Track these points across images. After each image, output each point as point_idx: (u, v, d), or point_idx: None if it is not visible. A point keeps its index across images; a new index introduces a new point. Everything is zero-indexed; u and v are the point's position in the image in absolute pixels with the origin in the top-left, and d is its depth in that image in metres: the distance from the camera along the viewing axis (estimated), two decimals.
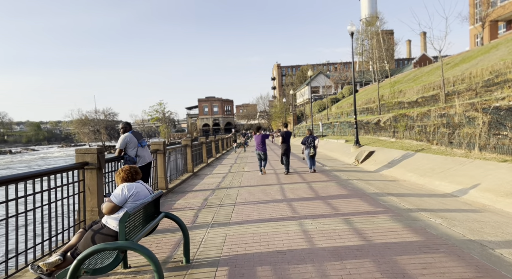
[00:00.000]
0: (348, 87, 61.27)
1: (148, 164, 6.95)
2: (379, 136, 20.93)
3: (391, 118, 19.28)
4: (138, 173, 3.77)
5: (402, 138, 16.71)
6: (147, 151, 6.94)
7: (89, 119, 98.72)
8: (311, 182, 9.58)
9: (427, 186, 8.64)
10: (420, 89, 27.63)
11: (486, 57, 25.99)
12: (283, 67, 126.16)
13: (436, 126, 12.43)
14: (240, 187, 9.33)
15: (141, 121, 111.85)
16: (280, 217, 5.84)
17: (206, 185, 10.19)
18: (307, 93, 77.55)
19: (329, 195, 7.61)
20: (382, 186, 8.64)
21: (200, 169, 14.30)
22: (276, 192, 8.31)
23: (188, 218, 6.12)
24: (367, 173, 11.52)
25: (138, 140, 6.72)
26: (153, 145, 8.85)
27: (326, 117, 42.69)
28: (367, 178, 10.20)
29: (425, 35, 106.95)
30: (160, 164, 8.82)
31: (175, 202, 7.70)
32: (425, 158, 10.92)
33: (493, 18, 40.95)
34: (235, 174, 12.32)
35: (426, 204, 6.48)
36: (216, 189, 9.30)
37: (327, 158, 18.42)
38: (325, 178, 10.30)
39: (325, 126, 35.69)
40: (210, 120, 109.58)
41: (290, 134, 12.00)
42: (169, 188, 9.18)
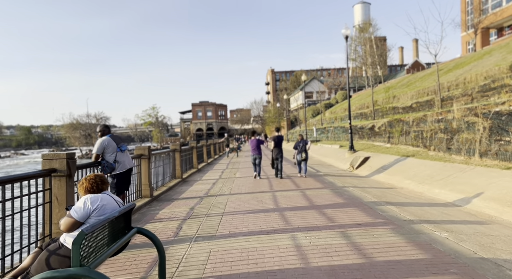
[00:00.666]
0: (342, 92, 61.24)
1: (129, 170, 6.42)
2: (373, 141, 20.58)
3: (386, 123, 18.95)
4: (105, 183, 3.25)
5: (397, 144, 16.35)
6: (127, 156, 6.40)
7: (81, 123, 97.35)
8: (305, 189, 9.10)
9: (427, 194, 8.21)
10: (414, 94, 27.47)
11: (479, 63, 25.91)
12: (277, 72, 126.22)
13: (433, 131, 12.08)
14: (230, 195, 8.81)
15: (134, 125, 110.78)
16: (272, 230, 5.34)
17: (195, 192, 9.66)
18: (301, 98, 77.43)
19: (324, 204, 7.13)
20: (379, 194, 8.20)
21: (190, 175, 13.75)
22: (268, 200, 7.82)
23: (170, 230, 5.59)
24: (363, 180, 11.09)
25: (118, 144, 6.19)
26: (138, 150, 8.31)
27: (320, 122, 42.41)
28: (363, 185, 9.75)
29: (417, 42, 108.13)
30: (144, 170, 8.28)
31: (159, 212, 7.16)
32: (422, 165, 10.53)
33: (485, 25, 41.24)
34: (226, 180, 11.80)
35: (428, 214, 6.04)
36: (205, 196, 8.77)
37: (321, 163, 17.98)
38: (320, 185, 9.84)
39: (319, 131, 35.35)
40: (203, 125, 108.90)
41: (282, 138, 11.95)
42: (154, 195, 8.63)
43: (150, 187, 8.38)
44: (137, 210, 7.29)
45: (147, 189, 8.27)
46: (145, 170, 8.28)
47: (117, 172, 6.14)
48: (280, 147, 11.75)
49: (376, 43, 60.22)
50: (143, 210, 7.43)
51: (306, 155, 11.55)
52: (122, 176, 6.21)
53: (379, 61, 59.23)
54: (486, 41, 44.73)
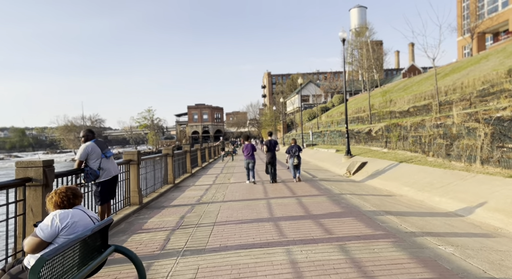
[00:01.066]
0: (338, 96, 61.19)
1: (114, 178, 6.07)
2: (370, 146, 20.34)
3: (383, 127, 18.72)
4: (78, 196, 2.91)
5: (395, 149, 16.11)
6: (113, 163, 6.05)
7: (75, 125, 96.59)
8: (301, 196, 8.78)
9: (427, 203, 7.92)
10: (411, 98, 27.32)
11: (476, 67, 25.83)
12: (274, 75, 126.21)
13: (432, 137, 11.83)
14: (223, 202, 8.47)
15: (129, 128, 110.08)
16: (265, 242, 5.01)
17: (186, 199, 9.30)
18: (297, 102, 77.31)
19: (321, 213, 6.81)
20: (378, 202, 7.90)
21: (183, 180, 13.38)
22: (262, 208, 7.48)
23: (157, 243, 5.24)
24: (360, 186, 10.79)
25: (102, 150, 5.84)
26: (126, 155, 7.96)
27: (316, 126, 42.21)
28: (361, 192, 9.45)
29: (413, 46, 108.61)
30: (133, 176, 7.92)
31: (147, 221, 6.79)
32: (421, 171, 10.26)
33: (481, 30, 41.37)
34: (220, 186, 11.46)
35: (430, 225, 5.74)
36: (197, 204, 8.41)
37: (317, 168, 17.69)
38: (316, 191, 9.52)
39: (315, 135, 35.11)
40: (199, 128, 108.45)
41: (275, 143, 11.86)
42: (144, 203, 8.26)
43: (139, 194, 8.02)
44: (125, 219, 6.93)
45: (136, 196, 7.91)
46: (134, 176, 7.92)
47: (101, 180, 5.79)
48: (274, 151, 11.72)
49: (373, 47, 60.33)
50: (130, 218, 7.06)
51: (299, 160, 11.60)
52: (107, 184, 5.86)
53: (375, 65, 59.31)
54: (482, 46, 44.91)
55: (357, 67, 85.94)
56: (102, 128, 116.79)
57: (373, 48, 60.37)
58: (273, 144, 11.75)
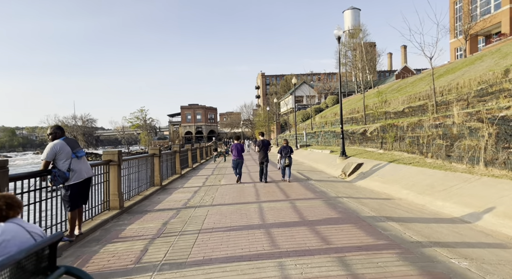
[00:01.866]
0: (332, 97, 60.94)
1: (87, 180, 5.44)
2: (365, 147, 19.91)
3: (378, 128, 18.29)
4: (13, 207, 2.31)
5: (391, 150, 15.67)
6: (85, 163, 5.43)
7: (66, 125, 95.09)
8: (295, 200, 8.23)
9: (429, 207, 7.42)
10: (406, 99, 26.99)
11: (471, 68, 25.59)
12: (268, 76, 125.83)
13: (430, 137, 11.37)
14: (211, 206, 7.88)
15: (121, 128, 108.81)
16: (255, 254, 4.44)
17: (172, 202, 8.68)
18: (291, 102, 76.94)
19: (317, 218, 6.27)
20: (377, 206, 7.37)
21: (171, 182, 12.75)
22: (253, 213, 6.91)
23: (132, 255, 4.63)
24: (356, 189, 10.27)
25: (73, 149, 5.22)
26: (105, 155, 7.32)
27: (310, 127, 41.78)
28: (358, 196, 8.93)
29: (405, 48, 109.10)
30: (113, 178, 7.29)
31: (126, 228, 6.17)
32: (421, 173, 9.77)
33: (473, 32, 41.35)
34: (209, 189, 10.86)
35: (437, 234, 5.22)
36: (183, 208, 7.81)
37: (312, 169, 17.17)
38: (311, 194, 8.98)
39: (309, 135, 34.66)
40: (193, 128, 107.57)
41: (267, 143, 12.13)
42: (125, 207, 7.63)
43: (120, 197, 7.39)
44: (101, 226, 6.30)
45: (116, 199, 7.28)
46: (114, 178, 7.29)
47: (71, 183, 5.16)
48: (266, 151, 11.97)
49: (366, 48, 60.24)
50: (108, 225, 6.43)
51: (290, 160, 11.74)
52: (78, 187, 5.23)
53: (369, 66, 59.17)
54: (474, 48, 44.97)
55: (350, 68, 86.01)
56: (93, 128, 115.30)
57: (366, 49, 60.30)
58: (265, 144, 11.99)
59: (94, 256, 4.63)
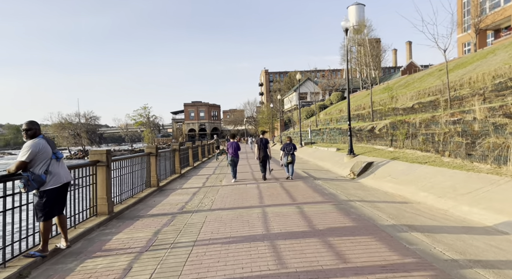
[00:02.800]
0: (337, 94, 60.02)
1: (65, 186, 4.72)
2: (373, 144, 19.09)
3: (388, 125, 17.46)
4: None
5: (402, 148, 14.84)
6: (63, 166, 4.72)
7: (69, 122, 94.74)
8: (303, 204, 7.47)
9: (454, 213, 6.64)
10: (414, 95, 26.10)
11: (483, 62, 24.62)
12: (271, 73, 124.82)
13: (448, 134, 10.55)
14: (210, 211, 7.14)
15: (125, 126, 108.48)
16: (258, 275, 3.70)
17: (168, 206, 7.96)
18: (294, 99, 76.07)
19: (329, 227, 5.51)
20: (395, 212, 6.60)
21: (169, 182, 12.03)
22: (256, 220, 6.17)
23: (112, 275, 3.90)
24: (368, 191, 9.49)
25: (53, 150, 4.52)
26: (93, 155, 6.60)
27: (314, 124, 40.93)
28: (371, 199, 8.15)
29: (410, 44, 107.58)
30: (101, 180, 6.57)
31: (112, 238, 5.45)
32: (439, 173, 8.97)
33: (483, 26, 40.25)
34: (209, 190, 10.13)
35: (473, 249, 4.44)
36: (178, 213, 7.08)
37: (318, 168, 16.39)
38: (320, 197, 8.21)
39: (314, 132, 33.84)
40: (196, 125, 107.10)
41: (266, 141, 12.24)
42: (116, 212, 6.91)
43: (109, 202, 6.67)
44: (85, 235, 5.58)
45: (105, 204, 6.56)
46: (103, 180, 6.57)
47: (48, 188, 4.45)
48: (265, 149, 12.06)
49: (372, 44, 59.16)
50: (93, 234, 5.71)
51: (293, 158, 11.71)
52: (55, 193, 4.52)
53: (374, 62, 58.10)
54: (483, 43, 43.84)
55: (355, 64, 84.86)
56: (97, 125, 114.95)
57: (372, 45, 59.23)
58: (264, 143, 12.10)
59: (67, 277, 3.91)
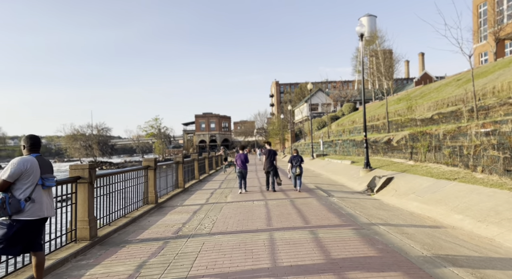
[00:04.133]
0: (349, 105, 58.85)
1: (43, 220, 3.88)
2: (391, 157, 17.89)
3: (406, 136, 16.29)
4: None
5: (423, 161, 13.65)
6: (49, 198, 3.92)
7: (81, 133, 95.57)
8: (317, 227, 6.42)
9: (502, 243, 5.49)
10: (432, 105, 24.90)
11: (506, 71, 23.36)
12: (282, 84, 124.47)
13: (480, 147, 9.39)
14: (209, 236, 6.15)
15: (137, 137, 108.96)
16: None
17: (163, 228, 7.00)
18: (305, 110, 75.10)
19: (350, 260, 4.46)
20: (429, 240, 5.50)
21: (170, 198, 11.10)
22: (261, 250, 5.15)
23: None
24: (392, 211, 8.37)
25: (42, 174, 3.75)
26: (73, 171, 5.71)
27: (326, 135, 39.76)
28: (397, 221, 7.05)
29: (423, 55, 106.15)
30: (82, 200, 5.67)
31: (86, 272, 4.49)
32: (473, 192, 7.82)
33: (503, 34, 38.91)
34: (212, 208, 9.15)
35: None
36: (172, 238, 6.10)
37: (331, 183, 15.27)
38: (336, 219, 7.14)
39: (326, 144, 32.67)
40: (207, 137, 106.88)
41: (274, 152, 12.16)
42: (100, 236, 5.98)
43: (92, 224, 5.75)
44: (54, 269, 4.62)
45: (86, 228, 5.63)
46: (84, 200, 5.67)
47: (23, 218, 3.60)
48: (272, 160, 11.93)
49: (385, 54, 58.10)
50: (65, 267, 4.76)
51: (301, 170, 11.68)
52: (29, 227, 3.67)
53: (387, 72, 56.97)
54: (501, 52, 42.40)
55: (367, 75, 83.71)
56: (108, 137, 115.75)
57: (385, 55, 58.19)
58: (271, 154, 12.00)
59: None
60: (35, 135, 4.07)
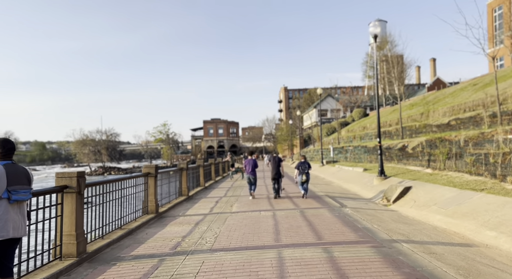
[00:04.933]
0: (359, 110, 57.90)
1: (11, 242, 3.28)
2: (406, 165, 17.04)
3: (423, 143, 15.46)
4: None
5: (442, 169, 12.81)
6: (18, 215, 3.32)
7: (90, 139, 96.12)
8: (332, 245, 5.71)
9: None
10: (447, 111, 23.96)
11: None
12: (290, 90, 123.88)
13: (510, 156, 8.57)
14: (210, 252, 5.49)
15: (145, 142, 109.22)
16: None
17: (160, 242, 6.36)
18: (314, 116, 74.27)
19: None
20: (462, 262, 4.75)
21: (173, 207, 10.49)
22: (268, 272, 4.47)
23: None
24: (413, 225, 7.60)
25: (10, 185, 3.18)
26: (60, 179, 5.13)
27: (336, 141, 38.91)
28: (421, 238, 6.29)
29: (434, 61, 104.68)
30: (70, 212, 5.08)
31: None
32: (507, 205, 7.02)
33: None
34: (216, 219, 8.49)
35: None
36: (169, 255, 5.46)
37: (343, 192, 14.49)
38: (352, 234, 6.42)
39: (336, 150, 31.83)
40: (215, 142, 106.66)
41: (279, 159, 12.24)
42: (89, 252, 5.37)
43: (80, 239, 5.14)
44: None
45: (73, 243, 5.03)
46: (72, 212, 5.07)
47: None
48: (277, 167, 11.95)
49: (397, 59, 57.14)
50: None
51: (308, 176, 11.67)
52: None
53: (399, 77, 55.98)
54: None
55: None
56: (117, 142, 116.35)
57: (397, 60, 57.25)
58: (276, 161, 12.03)
59: None
60: (9, 139, 3.51)
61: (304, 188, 11.59)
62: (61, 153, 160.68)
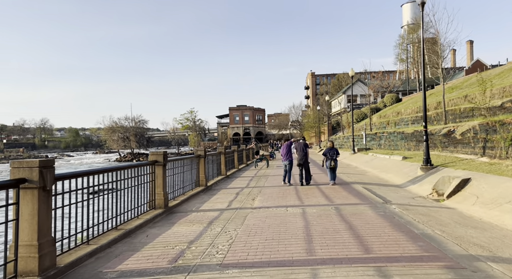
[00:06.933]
0: (391, 95, 54.66)
1: None
2: (453, 152, 14.93)
3: (476, 127, 13.30)
4: None
5: (504, 158, 10.75)
6: None
7: (119, 125, 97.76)
8: (386, 261, 4.13)
9: None
10: (496, 93, 21.31)
11: None
12: (318, 75, 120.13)
13: None
14: (220, 269, 4.07)
15: (173, 130, 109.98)
16: None
17: (160, 250, 5.01)
18: (343, 102, 71.32)
19: None
20: None
21: (186, 199, 9.19)
22: None
23: None
24: (486, 230, 5.85)
25: None
26: (16, 171, 3.81)
27: (368, 127, 36.54)
28: (503, 251, 4.58)
29: (471, 43, 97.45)
30: (29, 215, 3.76)
31: None
32: None
33: None
34: (234, 216, 7.09)
35: None
36: (163, 274, 4.08)
37: (382, 183, 12.71)
38: (411, 245, 4.80)
39: (368, 137, 29.63)
40: (240, 129, 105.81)
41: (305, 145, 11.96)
42: (60, 266, 4.08)
43: (44, 252, 3.83)
44: None
45: (34, 257, 3.73)
46: (32, 214, 3.78)
47: None
48: (304, 153, 11.67)
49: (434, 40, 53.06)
50: None
51: (335, 163, 11.53)
52: None
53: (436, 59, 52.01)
54: None
55: (411, 64, 77.99)
56: (145, 129, 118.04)
57: (434, 40, 53.11)
58: (302, 146, 11.77)
59: None
60: None
61: (333, 175, 11.47)
62: (93, 139, 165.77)
